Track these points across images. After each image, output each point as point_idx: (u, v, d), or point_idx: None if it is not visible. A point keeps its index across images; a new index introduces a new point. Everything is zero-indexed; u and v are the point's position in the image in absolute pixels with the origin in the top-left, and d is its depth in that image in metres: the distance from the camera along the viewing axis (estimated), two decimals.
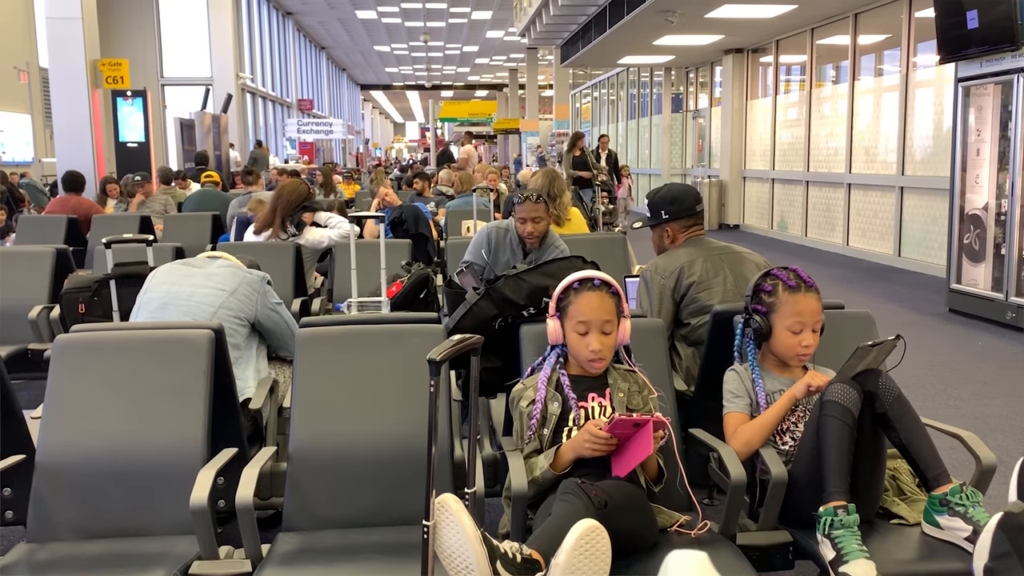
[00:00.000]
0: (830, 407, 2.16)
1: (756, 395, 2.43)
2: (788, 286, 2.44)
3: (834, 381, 2.23)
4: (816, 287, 2.47)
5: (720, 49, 14.31)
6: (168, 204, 8.57)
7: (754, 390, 2.44)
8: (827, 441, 2.15)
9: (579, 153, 12.82)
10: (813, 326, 2.41)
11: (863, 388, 2.20)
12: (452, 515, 1.78)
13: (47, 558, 2.26)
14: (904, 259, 9.94)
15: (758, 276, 2.53)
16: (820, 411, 2.19)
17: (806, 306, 2.41)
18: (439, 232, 7.17)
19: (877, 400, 2.19)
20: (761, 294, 2.48)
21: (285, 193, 5.14)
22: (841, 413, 2.15)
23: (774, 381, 2.46)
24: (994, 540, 1.88)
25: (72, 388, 2.46)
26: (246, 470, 2.21)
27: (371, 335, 2.63)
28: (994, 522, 1.89)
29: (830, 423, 2.15)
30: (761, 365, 2.48)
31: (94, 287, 4.01)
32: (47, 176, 14.47)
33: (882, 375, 2.23)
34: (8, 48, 14.47)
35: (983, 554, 1.89)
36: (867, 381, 2.21)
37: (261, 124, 22.30)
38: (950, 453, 2.49)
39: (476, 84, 41.63)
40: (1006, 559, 1.85)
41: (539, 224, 4.13)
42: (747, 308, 2.51)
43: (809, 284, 2.45)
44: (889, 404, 2.19)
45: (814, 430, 2.20)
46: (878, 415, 2.20)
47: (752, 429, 2.37)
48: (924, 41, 9.68)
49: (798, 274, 2.48)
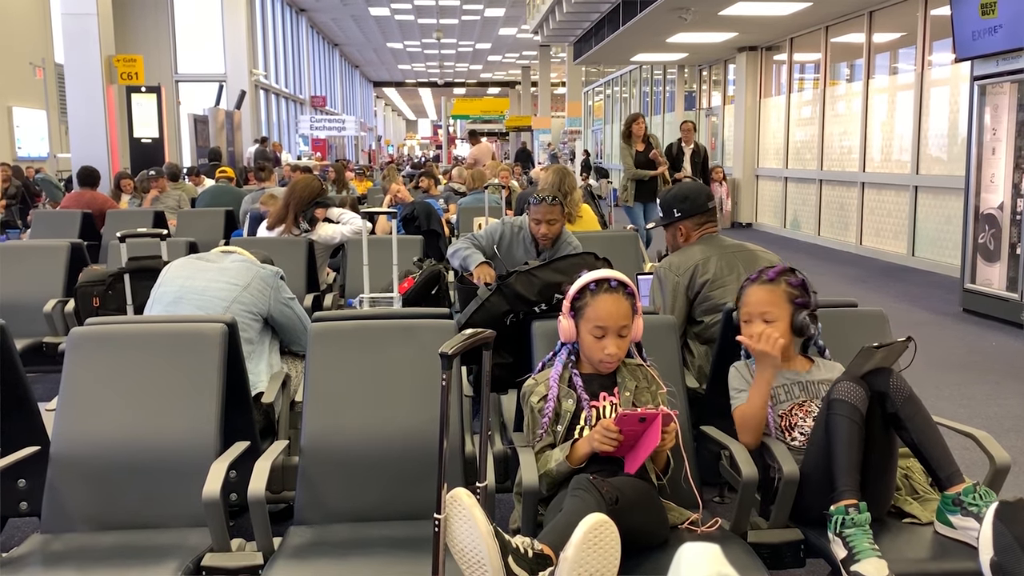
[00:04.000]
0: (837, 405, 2.16)
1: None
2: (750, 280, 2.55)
3: (841, 380, 2.23)
4: (775, 279, 2.49)
5: (734, 47, 14.26)
6: (182, 199, 8.61)
7: (751, 380, 2.45)
8: (836, 440, 2.14)
9: (643, 147, 8.59)
10: (763, 317, 2.44)
11: (874, 388, 2.19)
12: (464, 509, 1.78)
13: (61, 549, 2.27)
14: (918, 258, 9.88)
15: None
16: (828, 410, 2.18)
17: (755, 297, 2.48)
18: (451, 229, 7.18)
19: (888, 400, 2.18)
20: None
21: (298, 189, 5.16)
22: (849, 411, 2.14)
23: (776, 376, 2.46)
24: (995, 532, 1.88)
25: (86, 381, 2.48)
26: (258, 463, 2.22)
27: (383, 330, 2.64)
28: (991, 514, 1.89)
29: (838, 421, 2.14)
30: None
31: (108, 281, 4.04)
32: (62, 171, 14.56)
33: (893, 375, 2.22)
34: (24, 44, 14.56)
35: (987, 548, 1.89)
36: (878, 381, 2.20)
37: (274, 121, 22.38)
38: (964, 453, 2.48)
39: (488, 81, 41.64)
40: (1010, 551, 1.85)
41: (553, 226, 4.16)
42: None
43: (768, 278, 2.50)
44: (900, 404, 2.18)
45: (823, 429, 2.19)
46: (889, 415, 2.19)
47: (742, 418, 2.39)
48: (940, 39, 9.62)
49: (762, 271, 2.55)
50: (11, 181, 11.24)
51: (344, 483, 2.43)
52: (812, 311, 2.47)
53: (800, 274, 2.53)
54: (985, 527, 1.91)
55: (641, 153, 8.53)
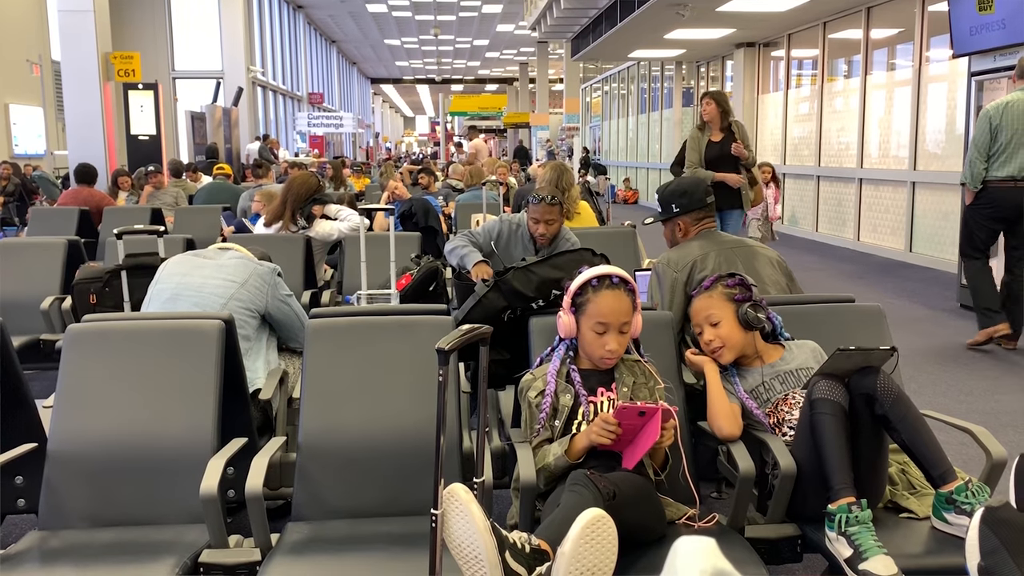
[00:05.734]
0: (819, 404, 2.16)
1: (737, 394, 2.49)
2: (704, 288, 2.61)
3: (818, 379, 2.22)
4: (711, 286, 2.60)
5: (731, 43, 14.26)
6: (179, 196, 8.61)
7: (735, 391, 2.49)
8: (824, 439, 2.14)
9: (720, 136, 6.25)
10: (708, 320, 2.55)
11: (860, 390, 2.18)
12: (461, 505, 1.78)
13: (59, 546, 2.27)
14: (915, 254, 9.89)
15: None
16: (810, 411, 2.18)
17: (696, 307, 2.60)
18: (448, 225, 7.18)
19: (876, 403, 2.16)
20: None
21: (295, 186, 5.15)
22: (831, 408, 2.15)
23: (752, 375, 2.53)
24: (981, 537, 1.87)
25: (83, 378, 2.48)
26: (256, 460, 2.22)
27: (381, 326, 2.64)
28: (977, 519, 1.89)
29: (822, 420, 2.15)
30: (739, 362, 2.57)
31: (105, 278, 4.03)
32: (59, 168, 14.53)
33: (880, 375, 2.20)
34: (21, 41, 14.53)
35: (974, 553, 1.88)
36: (865, 383, 2.18)
37: (272, 118, 22.35)
38: (960, 448, 2.49)
39: (486, 78, 41.60)
40: (997, 555, 1.85)
41: (551, 226, 4.17)
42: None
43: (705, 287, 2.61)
44: (889, 406, 2.16)
45: (807, 428, 2.19)
46: (878, 416, 2.18)
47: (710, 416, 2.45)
48: (937, 35, 9.62)
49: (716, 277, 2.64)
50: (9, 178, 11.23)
51: (342, 479, 2.43)
52: (755, 303, 2.55)
53: (738, 275, 2.62)
54: (971, 532, 1.90)
55: (715, 145, 6.25)
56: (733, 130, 6.28)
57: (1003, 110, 5.35)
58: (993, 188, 5.43)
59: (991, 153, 5.39)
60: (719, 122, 6.30)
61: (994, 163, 5.39)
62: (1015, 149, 5.31)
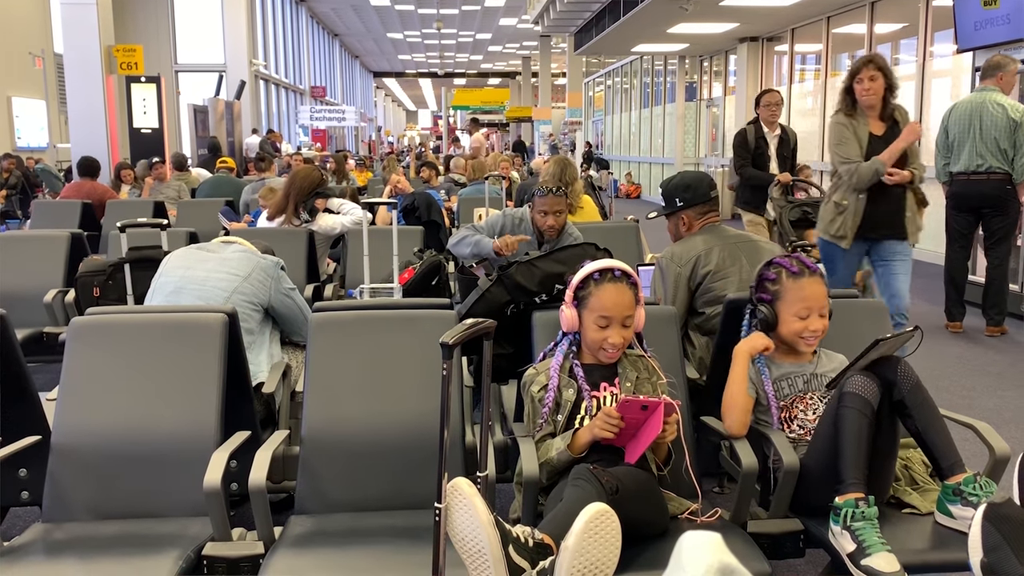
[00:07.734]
0: (850, 399, 2.15)
1: (762, 383, 2.43)
2: (791, 272, 2.45)
3: (852, 371, 2.22)
4: (820, 272, 2.48)
5: (735, 37, 14.22)
6: (181, 190, 8.60)
7: (759, 379, 2.44)
8: (845, 433, 2.13)
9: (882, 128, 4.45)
10: (820, 310, 2.43)
11: (882, 376, 2.19)
12: (465, 498, 1.78)
13: (62, 538, 2.28)
14: (919, 250, 9.82)
15: (760, 266, 2.54)
16: (839, 403, 2.17)
17: (811, 291, 2.43)
18: (451, 219, 7.18)
19: (895, 388, 2.19)
20: (765, 283, 2.49)
21: (298, 179, 5.15)
22: (861, 405, 2.14)
23: (779, 368, 2.47)
24: (983, 533, 1.88)
25: (87, 371, 2.48)
26: (259, 453, 2.22)
27: (384, 320, 2.64)
28: (979, 515, 1.89)
29: (849, 415, 2.14)
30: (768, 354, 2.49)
31: (109, 271, 4.04)
32: (62, 161, 14.55)
33: (901, 363, 2.22)
34: (23, 34, 14.53)
35: (976, 549, 1.89)
36: (886, 369, 2.20)
37: (274, 111, 22.33)
38: (964, 444, 2.48)
39: (489, 72, 41.52)
40: (999, 551, 1.85)
41: (559, 217, 4.16)
42: (752, 298, 2.53)
43: (812, 269, 2.47)
44: (907, 392, 2.18)
45: (831, 420, 2.19)
46: (896, 403, 2.19)
47: (723, 403, 2.41)
48: (941, 30, 9.58)
49: (801, 260, 2.49)
50: (12, 171, 11.23)
51: (345, 473, 2.43)
52: None
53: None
54: (974, 528, 1.91)
55: (879, 140, 4.40)
56: (897, 119, 4.43)
57: (951, 111, 5.82)
58: (955, 182, 5.88)
59: (950, 151, 5.84)
60: (880, 108, 4.37)
61: (952, 160, 5.84)
62: (961, 146, 5.74)
